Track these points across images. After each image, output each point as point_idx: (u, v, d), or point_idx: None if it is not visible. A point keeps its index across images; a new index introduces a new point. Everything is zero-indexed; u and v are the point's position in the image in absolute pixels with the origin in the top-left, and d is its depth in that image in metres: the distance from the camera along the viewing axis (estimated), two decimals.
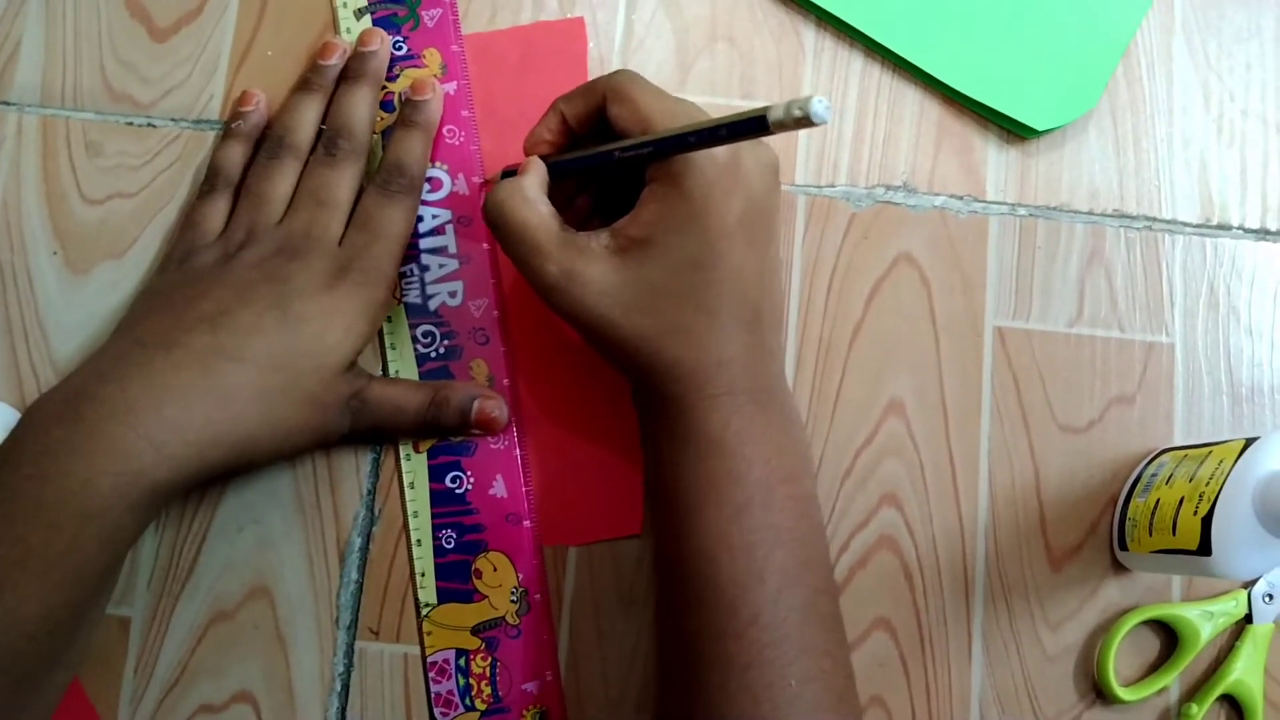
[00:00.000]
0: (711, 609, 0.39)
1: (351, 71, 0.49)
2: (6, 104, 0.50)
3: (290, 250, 0.45)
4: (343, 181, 0.47)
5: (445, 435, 0.47)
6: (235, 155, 0.48)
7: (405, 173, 0.47)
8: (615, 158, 0.42)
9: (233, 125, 0.49)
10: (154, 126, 0.50)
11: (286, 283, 0.44)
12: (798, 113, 0.34)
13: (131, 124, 0.50)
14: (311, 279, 0.44)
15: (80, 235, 0.49)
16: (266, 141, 0.48)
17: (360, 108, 0.48)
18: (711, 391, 0.41)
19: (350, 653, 0.46)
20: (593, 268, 0.41)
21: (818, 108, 0.33)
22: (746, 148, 0.42)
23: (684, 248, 0.41)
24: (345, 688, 0.46)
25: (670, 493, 0.42)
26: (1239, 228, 0.51)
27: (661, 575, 0.43)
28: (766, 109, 0.35)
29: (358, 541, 0.47)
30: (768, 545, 0.40)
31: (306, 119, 0.48)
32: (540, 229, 0.42)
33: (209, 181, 0.48)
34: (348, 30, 0.50)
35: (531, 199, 0.43)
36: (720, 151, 0.40)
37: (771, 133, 0.36)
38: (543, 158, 0.44)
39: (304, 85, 0.49)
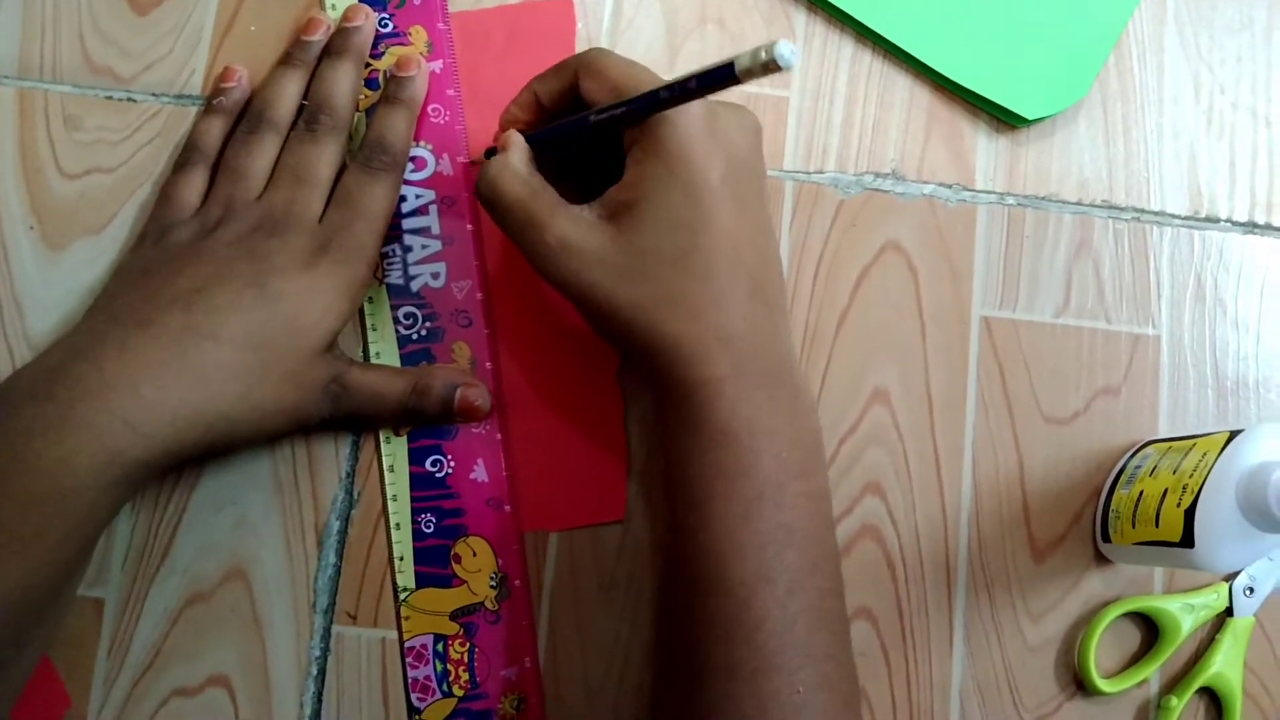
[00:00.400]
0: (717, 611, 0.38)
1: (334, 46, 0.48)
2: None
3: (269, 227, 0.44)
4: (323, 158, 0.46)
5: (426, 422, 0.47)
6: (214, 130, 0.48)
7: (388, 150, 0.46)
8: (591, 122, 0.42)
9: (214, 101, 0.48)
10: (134, 101, 0.49)
11: (265, 260, 0.43)
12: (764, 57, 0.34)
13: (111, 98, 0.49)
14: (291, 257, 0.43)
15: (57, 210, 0.48)
16: (246, 116, 0.48)
17: (342, 83, 0.47)
18: (716, 373, 0.39)
19: (327, 637, 0.46)
20: (586, 236, 0.41)
21: (783, 50, 0.33)
22: (725, 109, 0.41)
23: (669, 207, 0.40)
24: (322, 672, 0.46)
25: (673, 485, 0.40)
26: (1227, 220, 0.51)
27: (661, 572, 0.42)
28: (734, 58, 0.35)
29: (336, 525, 0.47)
30: (778, 545, 0.38)
31: (287, 94, 0.47)
32: (533, 201, 0.41)
33: (186, 155, 0.47)
34: (333, 6, 0.49)
35: (522, 173, 0.42)
36: (696, 110, 0.40)
37: (741, 81, 0.35)
38: (521, 132, 0.44)
39: (286, 60, 0.48)
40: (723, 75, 0.36)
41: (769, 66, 0.34)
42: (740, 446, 0.39)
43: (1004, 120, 0.51)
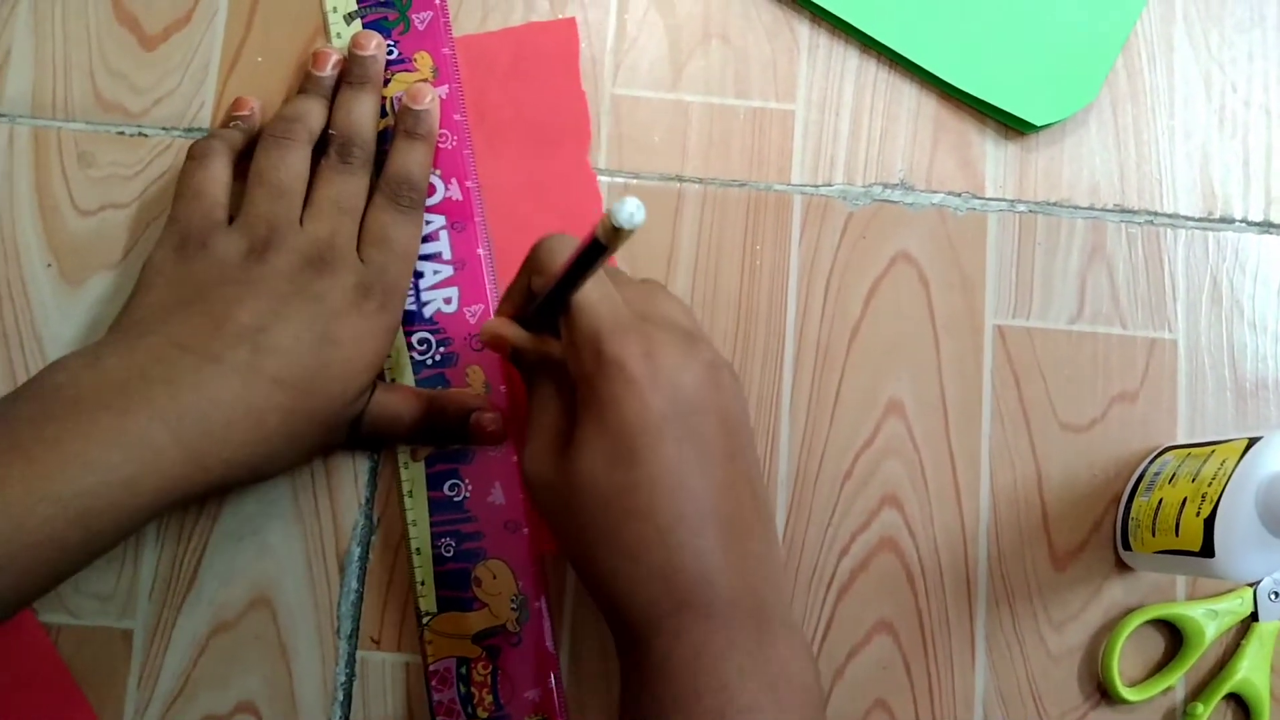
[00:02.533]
0: None
1: (354, 77, 0.48)
2: None
3: (318, 263, 0.44)
4: (360, 190, 0.47)
5: (443, 443, 0.47)
6: (235, 136, 0.47)
7: (415, 187, 0.47)
8: (531, 316, 0.43)
9: (230, 124, 0.48)
10: (145, 135, 0.50)
11: (320, 301, 0.43)
12: (609, 222, 0.33)
13: (123, 133, 0.50)
14: (342, 299, 0.44)
15: (74, 247, 0.49)
16: (275, 125, 0.47)
17: (367, 114, 0.48)
18: (654, 613, 0.37)
19: (352, 662, 0.46)
20: (540, 463, 0.40)
21: (621, 213, 0.32)
22: (670, 344, 0.39)
23: (603, 443, 0.38)
24: (347, 697, 0.46)
25: (624, 715, 0.38)
26: (1242, 221, 0.50)
27: None
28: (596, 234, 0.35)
29: (357, 551, 0.47)
30: None
31: (314, 114, 0.47)
32: (536, 436, 0.41)
33: (204, 146, 0.47)
34: (338, 35, 0.50)
35: (542, 404, 0.42)
36: (635, 348, 0.38)
37: (610, 250, 0.35)
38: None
39: (303, 91, 0.48)
40: (595, 252, 0.36)
41: (619, 233, 0.33)
42: (680, 684, 0.36)
43: (1012, 127, 0.50)
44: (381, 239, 0.46)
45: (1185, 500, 0.42)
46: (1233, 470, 0.41)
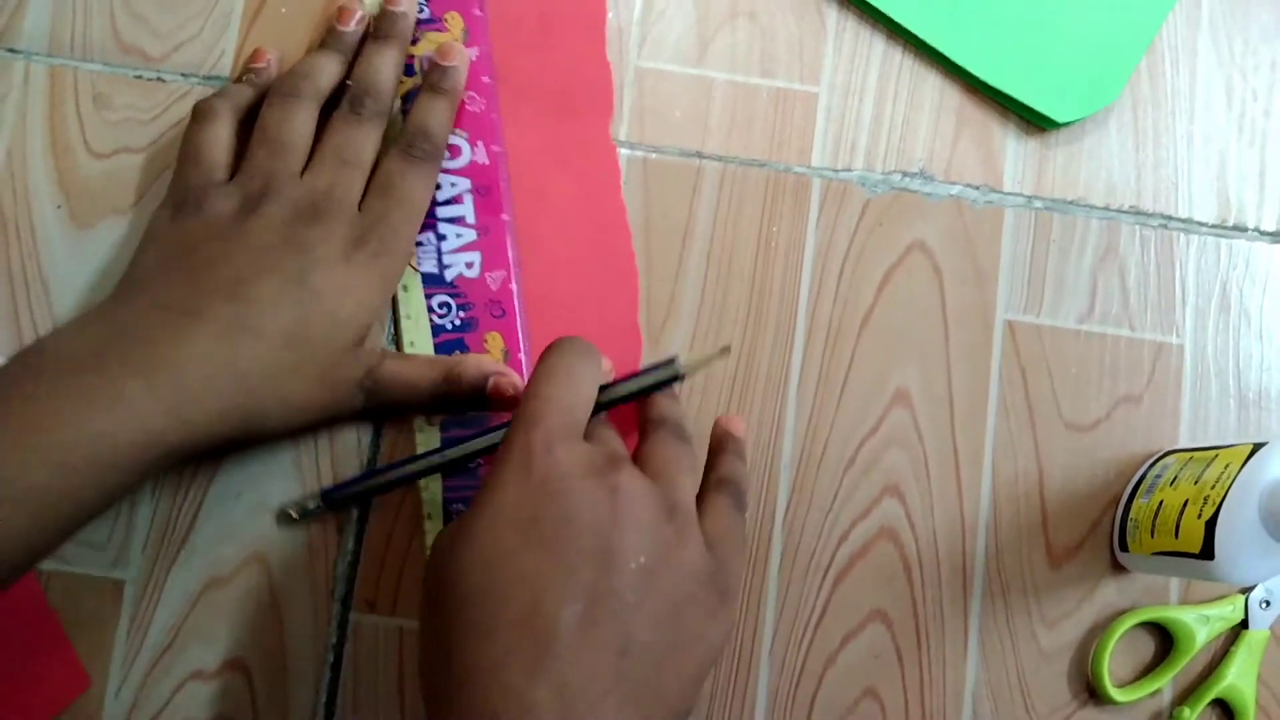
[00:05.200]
0: None
1: (380, 31, 0.48)
2: (13, 51, 0.49)
3: (311, 212, 0.44)
4: (368, 142, 0.46)
5: (459, 410, 0.47)
6: (244, 93, 0.47)
7: (431, 138, 0.46)
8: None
9: (244, 76, 0.48)
10: (163, 81, 0.49)
11: (307, 252, 0.43)
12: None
13: (140, 77, 0.49)
14: (331, 249, 0.43)
15: (85, 189, 0.48)
16: (281, 82, 0.47)
17: (387, 68, 0.47)
18: None
19: (344, 624, 0.46)
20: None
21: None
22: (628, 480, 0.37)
23: (475, 538, 0.36)
24: (338, 659, 0.46)
25: None
26: (1255, 230, 0.51)
27: None
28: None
29: (355, 513, 0.47)
30: None
31: (328, 70, 0.47)
32: None
33: (209, 106, 0.46)
34: None
35: None
36: (550, 445, 0.37)
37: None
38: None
39: (324, 45, 0.48)
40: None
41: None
42: None
43: (1034, 122, 0.50)
44: (386, 186, 0.45)
45: (1186, 503, 0.43)
46: (1236, 474, 0.41)
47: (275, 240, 0.43)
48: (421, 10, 0.49)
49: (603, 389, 0.42)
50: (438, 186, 0.48)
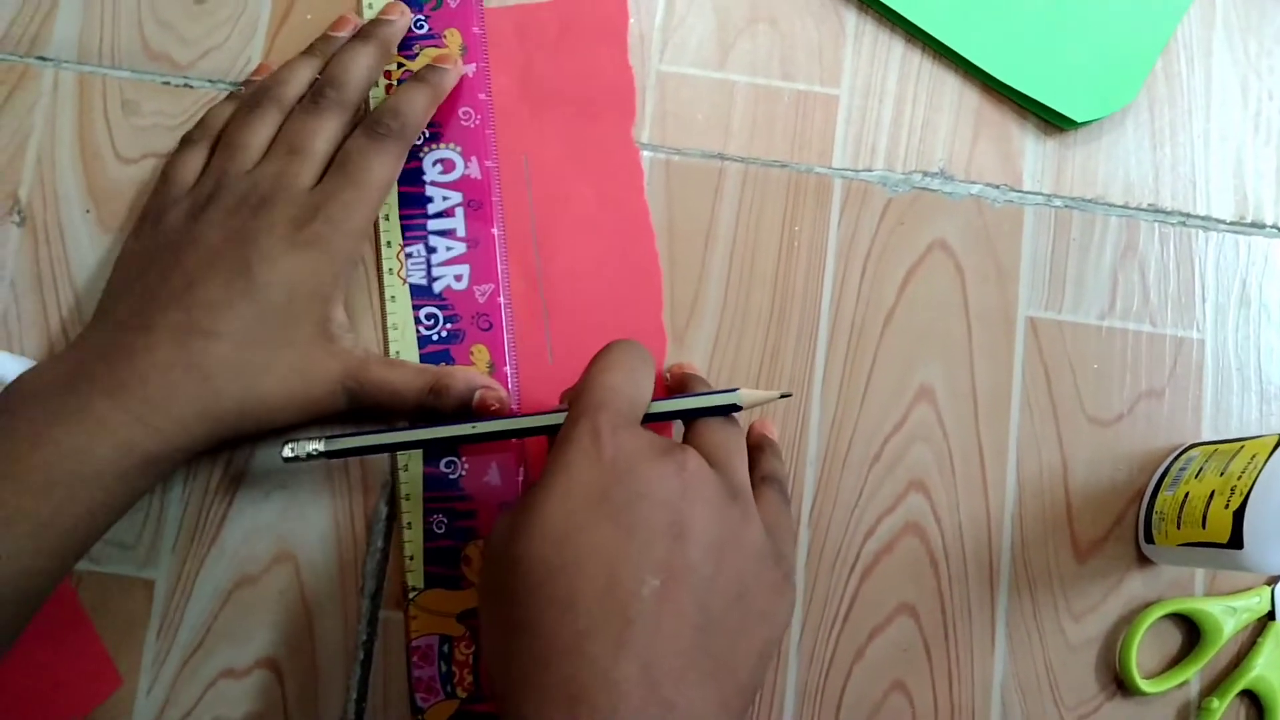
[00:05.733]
0: None
1: (361, 32, 0.48)
2: (44, 59, 0.49)
3: (255, 201, 0.44)
4: (321, 130, 0.45)
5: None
6: (225, 113, 0.48)
7: (398, 116, 0.46)
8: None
9: (239, 89, 0.49)
10: (191, 87, 0.50)
11: (250, 243, 0.43)
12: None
13: (168, 84, 0.50)
14: (275, 236, 0.43)
15: (113, 194, 0.49)
16: (251, 93, 0.47)
17: (356, 63, 0.47)
18: None
19: (374, 621, 0.46)
20: (491, 535, 0.39)
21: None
22: (662, 450, 0.38)
23: (544, 514, 0.36)
24: (368, 656, 0.46)
25: None
26: (1273, 226, 0.51)
27: None
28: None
29: (384, 510, 0.47)
30: None
31: (298, 76, 0.47)
32: None
33: (191, 134, 0.47)
34: (370, 5, 0.50)
35: None
36: (612, 428, 0.37)
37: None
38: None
39: (307, 50, 0.49)
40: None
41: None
42: None
43: (1052, 122, 0.51)
44: (342, 164, 0.45)
45: (1213, 494, 0.43)
46: (1264, 464, 0.41)
47: (221, 237, 0.43)
48: (421, 26, 0.49)
49: (657, 400, 0.42)
50: (429, 199, 0.48)
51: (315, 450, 0.43)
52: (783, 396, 0.42)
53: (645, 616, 0.34)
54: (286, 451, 0.43)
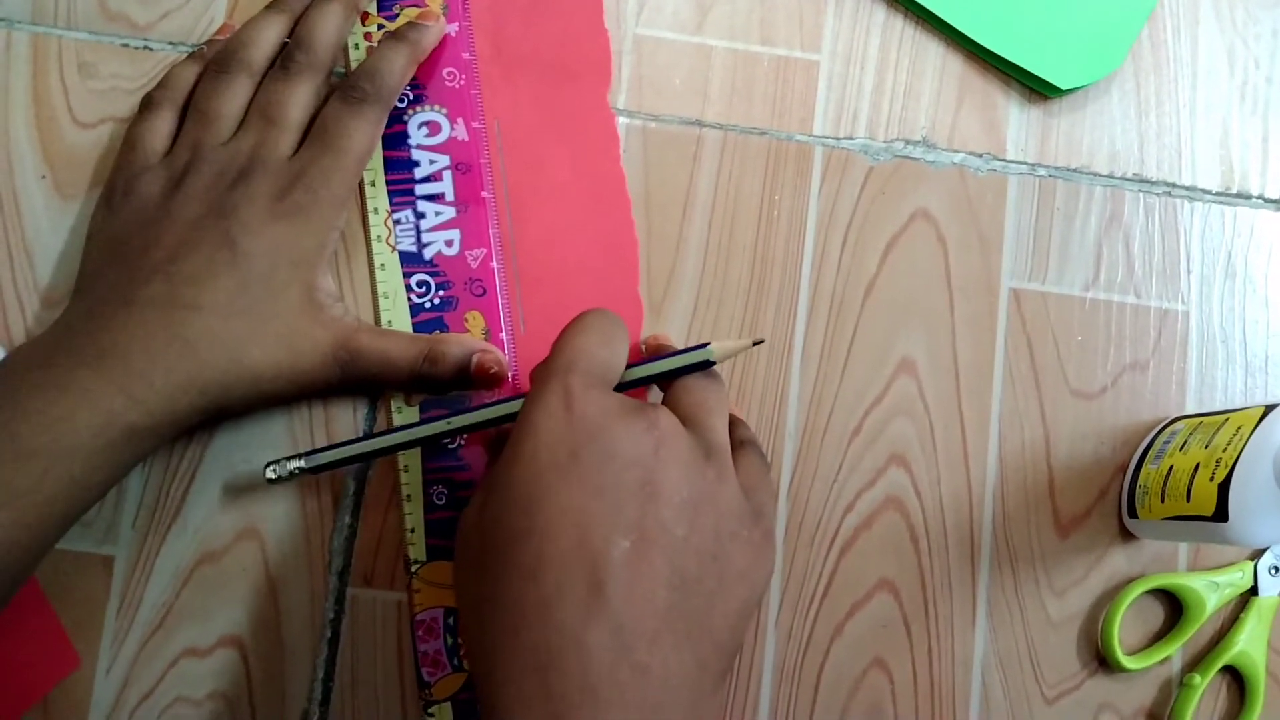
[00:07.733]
0: None
1: None
2: None
3: (234, 173, 0.43)
4: (295, 97, 0.44)
5: (439, 391, 0.46)
6: (189, 74, 0.46)
7: (374, 79, 0.45)
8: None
9: (199, 49, 0.47)
10: (150, 50, 0.48)
11: (231, 215, 0.42)
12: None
13: (127, 46, 0.48)
14: (255, 207, 0.42)
15: (70, 159, 0.47)
16: (217, 56, 0.46)
17: (325, 23, 0.45)
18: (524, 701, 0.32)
19: (341, 599, 0.45)
20: (466, 512, 0.39)
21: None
22: (637, 412, 0.37)
23: (509, 481, 0.35)
24: (336, 635, 0.45)
25: None
26: (1259, 197, 0.50)
27: None
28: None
29: (352, 485, 0.46)
30: None
31: (265, 36, 0.46)
32: None
33: (153, 96, 0.46)
34: None
35: None
36: (547, 386, 0.37)
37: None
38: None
39: (270, 5, 0.47)
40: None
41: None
42: None
43: (1037, 90, 0.50)
44: (320, 132, 0.44)
45: (1198, 466, 0.42)
46: (1249, 436, 0.41)
47: (201, 211, 0.42)
48: None
49: (629, 367, 0.41)
50: (416, 163, 0.47)
51: (298, 468, 0.43)
52: (756, 344, 0.41)
53: (616, 579, 0.33)
54: (269, 473, 0.43)
